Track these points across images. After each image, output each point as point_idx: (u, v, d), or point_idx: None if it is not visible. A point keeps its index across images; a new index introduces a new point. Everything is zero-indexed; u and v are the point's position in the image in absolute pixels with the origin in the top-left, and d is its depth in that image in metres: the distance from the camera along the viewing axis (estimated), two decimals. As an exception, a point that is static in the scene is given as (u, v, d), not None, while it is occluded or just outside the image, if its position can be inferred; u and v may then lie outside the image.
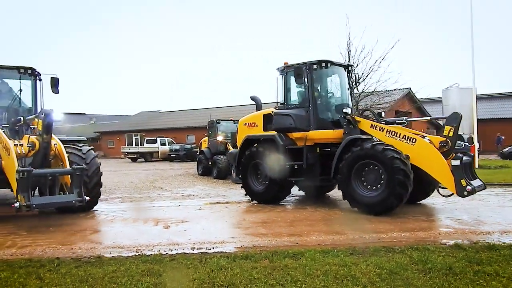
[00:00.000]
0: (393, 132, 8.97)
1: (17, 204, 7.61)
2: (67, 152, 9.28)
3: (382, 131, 9.15)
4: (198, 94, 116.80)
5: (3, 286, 4.68)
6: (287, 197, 11.06)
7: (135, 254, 5.96)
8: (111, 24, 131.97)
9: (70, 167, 8.57)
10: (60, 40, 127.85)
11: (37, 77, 10.51)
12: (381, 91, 24.56)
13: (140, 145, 42.04)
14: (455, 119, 8.60)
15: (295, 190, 11.84)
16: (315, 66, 10.17)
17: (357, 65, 23.48)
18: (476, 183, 8.69)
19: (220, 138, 19.54)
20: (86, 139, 10.85)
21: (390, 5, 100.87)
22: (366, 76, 23.53)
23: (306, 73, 10.10)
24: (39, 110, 10.35)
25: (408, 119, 10.61)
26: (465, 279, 4.66)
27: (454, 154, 8.43)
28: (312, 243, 6.49)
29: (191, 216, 9.01)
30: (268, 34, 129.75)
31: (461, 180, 8.07)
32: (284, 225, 7.96)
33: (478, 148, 21.25)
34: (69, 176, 8.44)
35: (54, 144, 8.97)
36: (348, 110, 9.85)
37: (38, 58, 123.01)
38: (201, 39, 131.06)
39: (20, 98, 10.51)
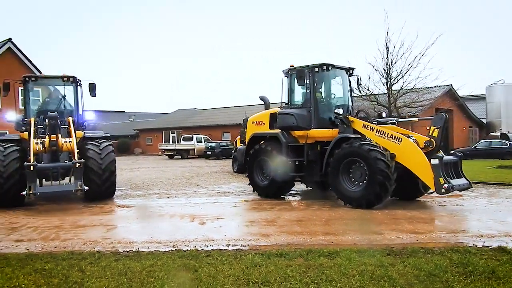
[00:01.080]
0: (382, 132, 9.61)
1: (24, 192, 9.21)
2: (88, 148, 10.70)
3: (372, 130, 9.79)
4: (198, 94, 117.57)
5: (47, 277, 4.90)
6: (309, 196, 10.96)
7: (171, 250, 6.09)
8: (111, 24, 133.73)
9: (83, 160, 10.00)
10: (60, 40, 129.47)
11: (78, 84, 12.22)
12: (421, 88, 23.91)
13: (177, 143, 42.81)
14: (440, 119, 9.20)
15: (300, 186, 11.92)
16: (317, 69, 10.70)
17: (396, 62, 22.99)
18: (457, 182, 9.13)
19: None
20: (109, 135, 12.15)
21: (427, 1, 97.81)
22: (405, 73, 22.99)
23: (308, 75, 10.68)
24: (80, 111, 12.28)
25: (399, 120, 11.26)
26: (509, 283, 4.47)
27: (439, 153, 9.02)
28: (348, 243, 6.42)
29: (227, 213, 9.11)
30: (268, 34, 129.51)
31: (439, 178, 8.56)
32: (319, 223, 7.91)
33: (524, 147, 20.36)
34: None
35: (69, 142, 10.27)
36: (340, 111, 10.27)
37: (38, 58, 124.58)
38: (201, 39, 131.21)
39: (65, 101, 12.32)
